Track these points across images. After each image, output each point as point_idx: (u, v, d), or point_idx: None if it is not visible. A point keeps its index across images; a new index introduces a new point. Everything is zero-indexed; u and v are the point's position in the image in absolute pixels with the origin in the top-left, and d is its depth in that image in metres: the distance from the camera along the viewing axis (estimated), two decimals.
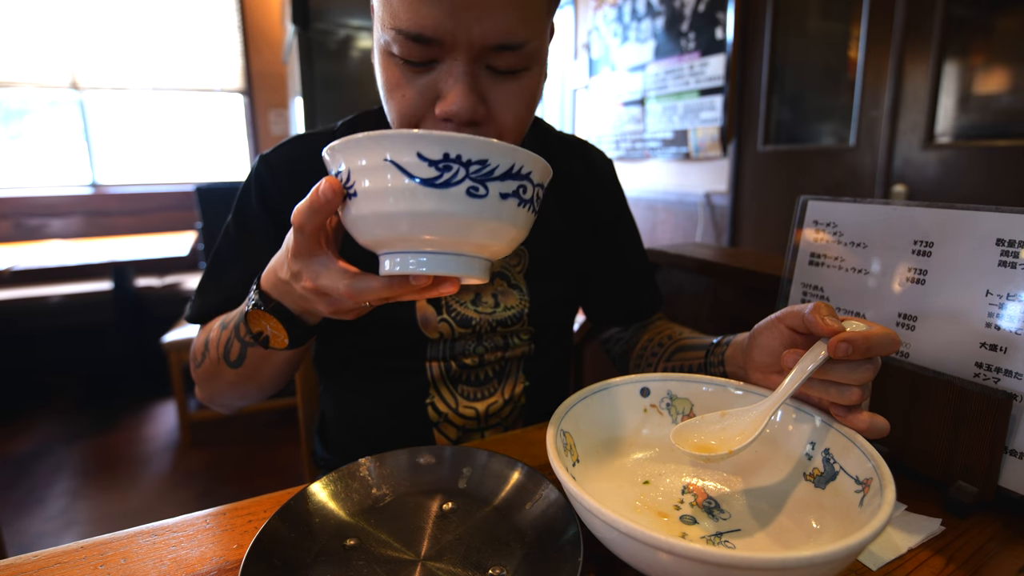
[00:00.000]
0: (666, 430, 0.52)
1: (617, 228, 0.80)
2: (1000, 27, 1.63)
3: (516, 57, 0.50)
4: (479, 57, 0.50)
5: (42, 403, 2.71)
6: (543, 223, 0.71)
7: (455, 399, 0.70)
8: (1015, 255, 0.48)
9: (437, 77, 0.51)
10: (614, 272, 0.80)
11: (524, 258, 0.71)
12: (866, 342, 0.41)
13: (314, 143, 0.67)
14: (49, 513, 1.85)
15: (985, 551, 0.44)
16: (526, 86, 0.53)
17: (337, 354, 0.73)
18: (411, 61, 0.51)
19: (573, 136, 0.80)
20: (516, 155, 0.35)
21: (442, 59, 0.50)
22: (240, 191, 0.68)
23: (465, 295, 0.68)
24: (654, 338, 0.77)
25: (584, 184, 0.76)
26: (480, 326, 0.68)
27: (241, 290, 0.62)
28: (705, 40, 2.47)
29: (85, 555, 0.43)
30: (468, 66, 0.50)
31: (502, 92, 0.52)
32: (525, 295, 0.70)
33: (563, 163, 0.74)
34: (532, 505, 0.45)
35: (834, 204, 0.63)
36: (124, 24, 3.59)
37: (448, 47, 0.49)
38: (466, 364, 0.69)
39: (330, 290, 0.42)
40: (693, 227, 2.70)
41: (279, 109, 3.99)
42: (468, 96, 0.50)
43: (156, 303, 2.97)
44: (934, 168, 1.78)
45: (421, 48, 0.49)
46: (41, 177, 3.60)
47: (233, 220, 0.67)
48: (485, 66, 0.51)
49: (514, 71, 0.52)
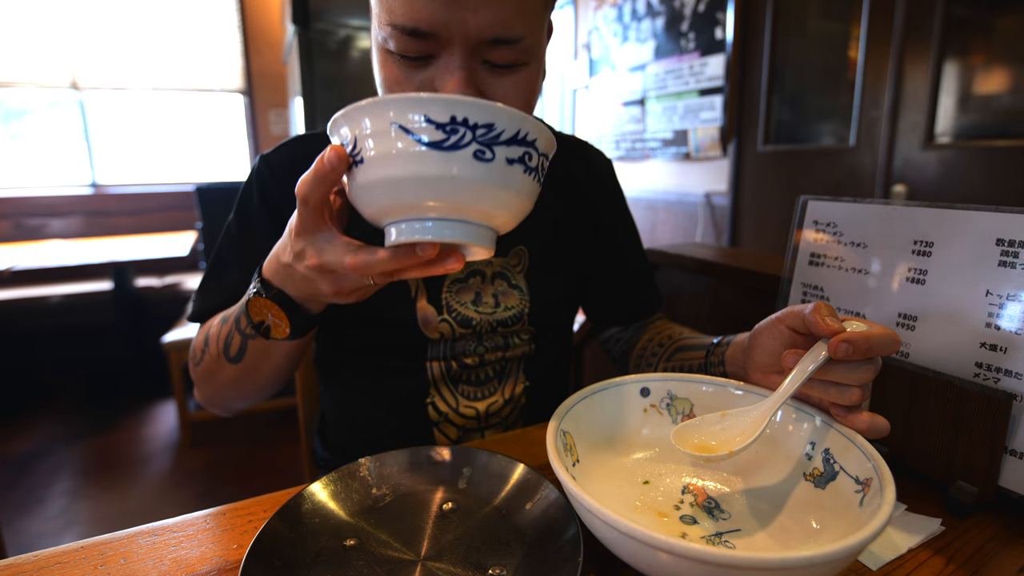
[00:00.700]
0: (666, 430, 0.52)
1: (617, 228, 0.80)
2: (1000, 27, 1.63)
3: (512, 52, 0.51)
4: (475, 51, 0.50)
5: (42, 403, 2.71)
6: (543, 223, 0.71)
7: (455, 399, 0.70)
8: (1015, 255, 0.48)
9: (434, 73, 0.51)
10: (614, 272, 0.80)
11: (524, 258, 0.71)
12: (867, 342, 0.41)
13: (314, 142, 0.67)
14: (49, 513, 1.85)
15: (985, 551, 0.44)
16: (524, 81, 0.54)
17: (337, 354, 0.73)
18: (408, 56, 0.51)
19: (573, 136, 0.80)
20: (523, 121, 0.35)
21: (438, 54, 0.51)
22: (241, 191, 0.68)
23: (465, 295, 0.68)
24: (654, 338, 0.77)
25: (584, 184, 0.76)
26: (481, 326, 0.68)
27: (242, 289, 0.62)
28: (705, 40, 2.47)
29: (85, 555, 0.43)
30: (464, 60, 0.50)
31: (499, 87, 0.53)
32: (525, 295, 0.70)
33: (563, 163, 0.74)
34: (532, 505, 0.45)
35: (834, 204, 0.63)
36: (124, 24, 3.59)
37: (444, 41, 0.49)
38: (467, 364, 0.69)
39: (334, 265, 0.41)
40: (693, 227, 2.70)
41: (279, 109, 3.99)
42: (465, 89, 0.50)
43: (156, 303, 2.97)
44: (934, 168, 1.78)
45: (417, 43, 0.49)
46: (41, 177, 3.59)
47: (234, 220, 0.67)
48: (482, 61, 0.51)
49: (511, 66, 0.52)
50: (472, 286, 0.68)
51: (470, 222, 0.37)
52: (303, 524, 0.43)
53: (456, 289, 0.68)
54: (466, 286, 0.68)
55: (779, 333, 0.50)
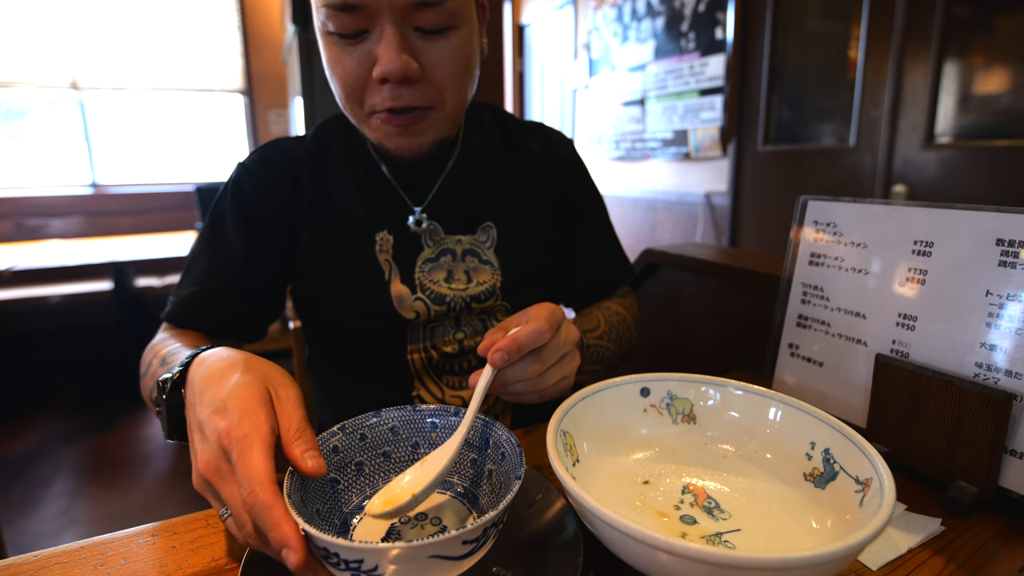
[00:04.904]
0: (666, 430, 0.52)
1: (579, 207, 0.80)
2: (1000, 27, 1.63)
3: (438, 14, 0.56)
4: (404, 18, 0.55)
5: (42, 403, 2.71)
6: (507, 199, 0.74)
7: (441, 389, 0.71)
8: (1015, 255, 0.48)
9: (370, 45, 0.57)
10: (580, 250, 0.80)
11: (492, 232, 0.72)
12: (516, 344, 0.46)
13: (287, 146, 0.72)
14: (49, 513, 1.85)
15: (985, 551, 0.44)
16: (456, 45, 0.58)
17: (325, 352, 0.75)
18: (344, 35, 0.56)
19: (533, 122, 0.82)
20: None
21: (371, 27, 0.56)
22: (217, 197, 0.71)
23: (437, 273, 0.69)
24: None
25: (543, 159, 0.78)
26: (455, 303, 0.69)
27: (209, 280, 0.67)
28: (705, 40, 2.47)
29: (85, 555, 0.43)
30: (395, 26, 0.55)
31: (433, 51, 0.58)
32: (497, 270, 0.71)
33: (523, 144, 0.78)
34: (532, 505, 0.45)
35: (834, 204, 0.63)
36: (124, 24, 3.59)
37: (373, 12, 0.54)
38: (446, 352, 0.70)
39: (239, 476, 0.34)
40: (693, 227, 2.70)
41: (279, 109, 3.99)
42: (399, 54, 0.55)
43: (156, 303, 2.97)
44: (934, 168, 1.78)
45: (350, 17, 0.55)
46: (41, 177, 3.60)
47: (208, 225, 0.71)
48: (413, 28, 0.56)
49: (441, 30, 0.57)
50: (444, 264, 0.70)
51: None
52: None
53: (428, 268, 0.69)
54: (438, 265, 0.70)
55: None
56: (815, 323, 0.65)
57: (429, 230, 0.70)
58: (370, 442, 0.47)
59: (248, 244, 0.68)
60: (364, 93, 0.59)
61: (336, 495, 0.44)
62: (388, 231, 0.69)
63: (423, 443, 0.48)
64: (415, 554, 0.32)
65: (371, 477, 0.47)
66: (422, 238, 0.70)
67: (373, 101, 0.59)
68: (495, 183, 0.74)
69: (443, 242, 0.70)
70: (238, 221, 0.68)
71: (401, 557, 0.32)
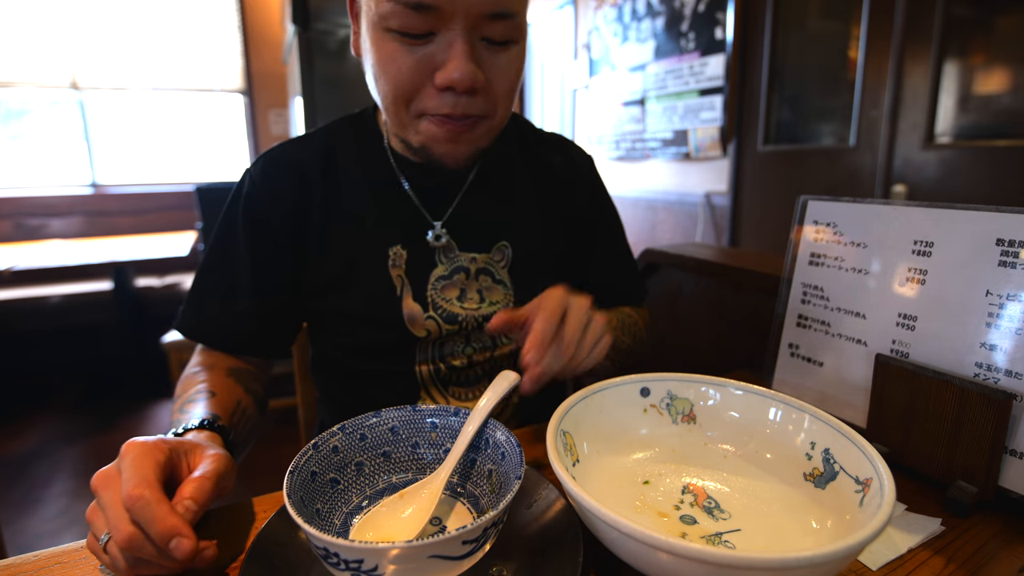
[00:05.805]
0: (666, 430, 0.52)
1: (597, 225, 0.80)
2: (1000, 27, 1.63)
3: (508, 27, 0.54)
4: (475, 27, 0.53)
5: (42, 403, 2.70)
6: (524, 218, 0.73)
7: (446, 400, 0.70)
8: (1015, 255, 0.48)
9: (435, 49, 0.54)
10: (595, 268, 0.80)
11: (507, 252, 0.71)
12: (539, 346, 0.48)
13: (291, 149, 0.71)
14: (49, 513, 1.85)
15: (985, 551, 0.44)
16: (515, 59, 0.57)
17: (331, 359, 0.74)
18: (409, 33, 0.53)
19: (554, 133, 0.81)
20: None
21: (440, 30, 0.53)
22: (227, 204, 0.70)
23: (450, 292, 0.69)
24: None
25: (563, 176, 0.77)
26: (467, 322, 0.68)
27: (227, 301, 0.68)
28: (705, 40, 2.47)
29: (85, 555, 0.43)
30: (467, 35, 0.53)
31: (496, 63, 0.56)
32: (510, 290, 0.71)
33: (542, 155, 0.76)
34: (532, 505, 0.45)
35: (834, 204, 0.63)
36: (124, 24, 3.59)
37: (447, 16, 0.52)
38: (455, 366, 0.69)
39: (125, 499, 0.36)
40: (693, 227, 2.70)
41: (279, 109, 3.99)
42: (468, 63, 0.53)
43: (156, 303, 2.98)
44: (934, 168, 1.78)
45: (421, 18, 0.52)
46: (41, 177, 3.60)
47: (218, 232, 0.70)
48: (480, 37, 0.54)
49: (506, 42, 0.55)
50: (457, 283, 0.69)
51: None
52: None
53: (441, 286, 0.68)
54: (451, 283, 0.69)
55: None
56: (815, 323, 0.65)
57: (444, 246, 0.69)
58: (370, 442, 0.47)
59: (260, 261, 0.67)
60: (416, 95, 0.57)
61: (336, 495, 0.44)
62: (402, 246, 0.67)
63: (423, 443, 0.49)
64: (415, 554, 0.32)
65: (371, 477, 0.47)
66: (436, 254, 0.68)
67: (425, 104, 0.57)
68: (512, 200, 0.73)
69: (457, 259, 0.69)
70: (248, 235, 0.67)
71: (401, 557, 0.32)
